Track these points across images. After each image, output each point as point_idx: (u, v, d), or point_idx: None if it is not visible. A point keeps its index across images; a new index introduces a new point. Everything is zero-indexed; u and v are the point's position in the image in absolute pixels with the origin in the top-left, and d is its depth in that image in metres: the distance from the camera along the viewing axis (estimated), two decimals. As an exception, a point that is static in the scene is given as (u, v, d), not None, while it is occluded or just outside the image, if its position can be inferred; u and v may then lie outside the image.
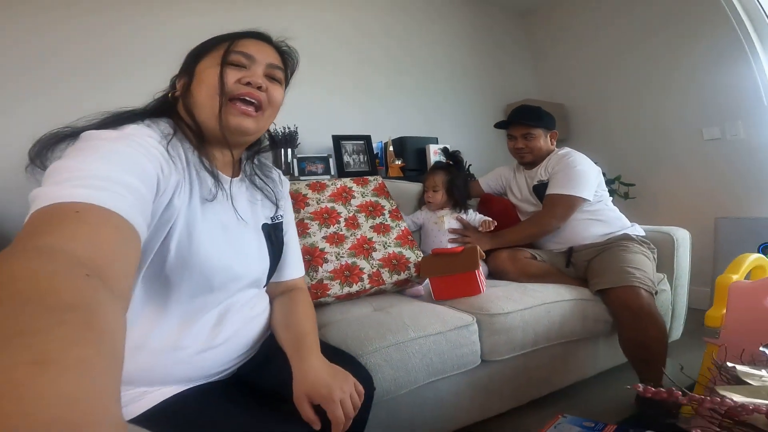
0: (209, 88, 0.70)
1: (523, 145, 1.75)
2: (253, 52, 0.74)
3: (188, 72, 0.74)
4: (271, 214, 0.87)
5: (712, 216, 2.24)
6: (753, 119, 2.28)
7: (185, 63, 0.76)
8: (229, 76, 0.71)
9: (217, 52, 0.73)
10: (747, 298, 1.03)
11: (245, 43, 0.74)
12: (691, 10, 2.40)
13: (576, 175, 1.61)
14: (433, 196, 1.71)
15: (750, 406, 0.39)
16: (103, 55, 1.84)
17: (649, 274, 1.42)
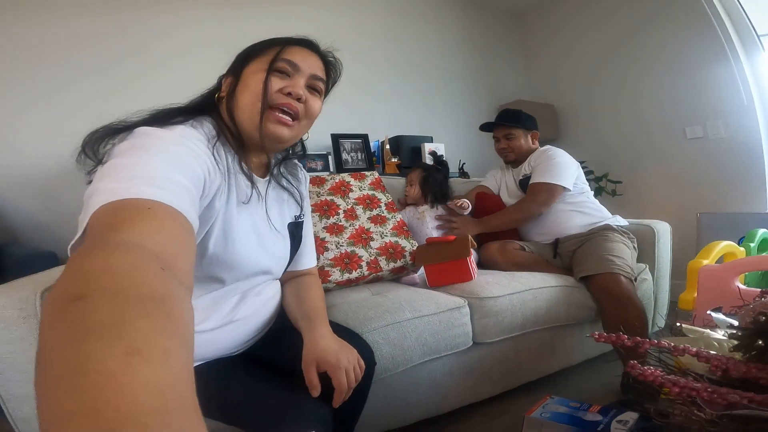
0: (252, 93, 0.73)
1: (506, 145, 1.90)
2: (299, 61, 0.76)
3: (235, 73, 0.76)
4: (295, 213, 0.92)
5: (695, 211, 2.34)
6: (733, 119, 2.38)
7: (234, 64, 0.79)
8: (273, 84, 0.73)
9: (265, 57, 0.75)
10: (716, 281, 1.12)
11: (293, 51, 0.77)
12: (674, 12, 2.50)
13: (555, 165, 1.74)
14: (409, 190, 1.82)
15: (681, 346, 0.48)
16: (122, 54, 1.92)
17: (628, 261, 1.52)
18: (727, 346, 0.55)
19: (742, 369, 0.43)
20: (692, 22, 2.44)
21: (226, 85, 0.77)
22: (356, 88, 2.59)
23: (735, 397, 0.38)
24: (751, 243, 1.55)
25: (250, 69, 0.75)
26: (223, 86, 0.78)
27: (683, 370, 0.54)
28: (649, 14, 2.63)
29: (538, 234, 1.81)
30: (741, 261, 1.18)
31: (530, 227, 1.82)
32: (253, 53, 0.77)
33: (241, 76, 0.75)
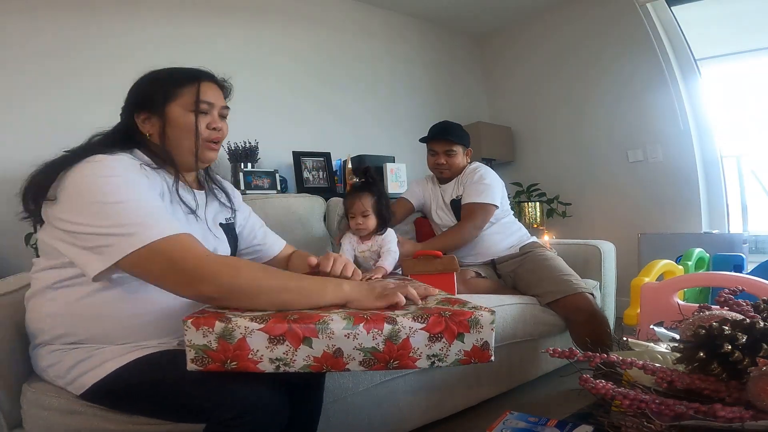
0: (188, 135, 0.87)
1: (445, 161, 1.81)
2: (213, 99, 0.90)
3: (155, 112, 0.86)
4: (227, 216, 1.04)
5: (636, 232, 2.50)
6: (671, 143, 2.58)
7: (149, 101, 0.87)
8: (201, 122, 0.88)
9: (185, 98, 0.87)
10: (657, 297, 1.19)
11: (206, 90, 0.89)
12: (622, 38, 2.69)
13: (486, 186, 1.75)
14: (364, 222, 1.49)
15: (628, 359, 0.51)
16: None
17: (577, 275, 1.64)
18: (671, 358, 0.59)
19: (686, 380, 0.46)
20: (637, 48, 2.63)
21: (152, 126, 0.87)
22: (319, 107, 2.60)
23: (682, 408, 0.40)
24: (689, 261, 1.67)
25: (175, 110, 0.87)
26: (145, 125, 0.87)
27: (631, 383, 0.57)
28: (599, 41, 2.81)
29: (471, 256, 1.81)
30: (679, 278, 1.27)
31: (463, 250, 1.79)
32: (171, 92, 0.87)
33: (167, 118, 0.86)
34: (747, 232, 2.48)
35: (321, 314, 0.66)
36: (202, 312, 0.66)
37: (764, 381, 0.39)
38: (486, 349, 0.66)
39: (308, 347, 0.63)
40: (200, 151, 0.89)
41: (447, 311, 0.67)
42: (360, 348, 0.64)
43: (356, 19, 2.82)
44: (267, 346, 0.63)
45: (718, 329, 0.47)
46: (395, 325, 0.64)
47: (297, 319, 0.64)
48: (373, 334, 0.63)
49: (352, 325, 0.63)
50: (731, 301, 0.63)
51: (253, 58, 2.36)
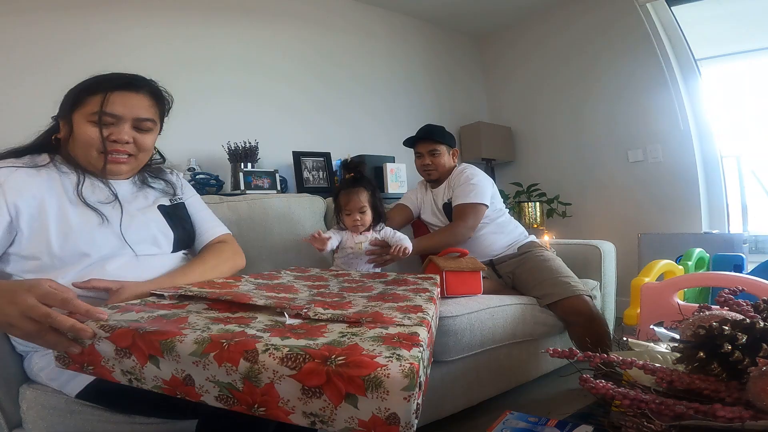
0: (85, 144, 0.85)
1: (430, 161, 1.82)
2: (120, 112, 0.86)
3: (65, 118, 0.86)
4: (170, 198, 1.03)
5: (636, 232, 2.50)
6: (671, 143, 2.58)
7: (62, 106, 0.87)
8: (104, 133, 0.85)
9: (90, 107, 0.84)
10: (657, 297, 1.19)
11: (115, 100, 0.85)
12: (623, 38, 2.70)
13: (474, 185, 1.74)
14: (362, 218, 1.46)
15: (628, 359, 0.51)
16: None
17: (576, 277, 1.64)
18: (670, 358, 0.59)
19: (686, 380, 0.46)
20: (637, 48, 2.63)
21: (63, 131, 0.88)
22: (319, 107, 2.60)
23: (682, 408, 0.40)
24: (689, 261, 1.67)
25: (78, 118, 0.85)
26: (63, 131, 0.88)
27: (631, 383, 0.57)
28: (600, 41, 2.82)
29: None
30: (679, 278, 1.27)
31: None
32: (79, 100, 0.85)
33: (73, 125, 0.85)
34: (747, 232, 2.48)
35: (174, 329, 0.55)
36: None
37: (764, 381, 0.39)
38: (394, 423, 0.45)
39: (155, 366, 0.53)
40: (99, 162, 0.87)
41: (339, 356, 0.47)
42: (214, 381, 0.50)
43: (356, 19, 2.82)
44: (115, 357, 0.55)
45: (718, 329, 0.47)
46: (254, 365, 0.48)
47: (146, 333, 0.54)
48: (226, 368, 0.49)
49: (201, 353, 0.50)
50: (731, 301, 0.63)
51: (253, 57, 2.36)
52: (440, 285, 1.25)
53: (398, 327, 0.60)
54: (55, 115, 0.90)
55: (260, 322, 0.60)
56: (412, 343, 0.53)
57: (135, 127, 0.89)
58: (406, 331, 0.58)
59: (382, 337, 0.55)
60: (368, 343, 0.52)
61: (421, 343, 0.53)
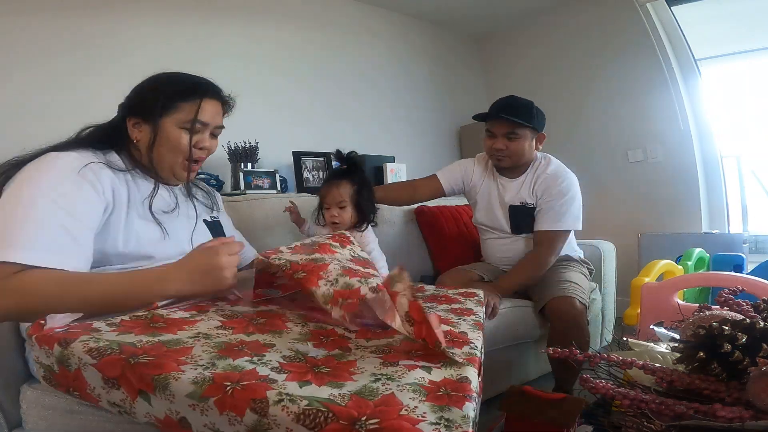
0: (174, 150, 0.85)
1: (504, 146, 1.45)
2: (209, 119, 0.88)
3: (149, 121, 0.84)
4: (211, 213, 1.05)
5: (636, 232, 2.50)
6: (671, 143, 2.58)
7: (145, 108, 0.84)
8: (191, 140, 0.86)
9: (183, 114, 0.84)
10: (657, 297, 1.19)
11: (206, 108, 0.86)
12: (622, 38, 2.68)
13: (570, 205, 1.48)
14: (340, 215, 1.29)
15: (628, 359, 0.51)
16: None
17: (583, 288, 1.47)
18: (670, 358, 0.59)
19: (686, 380, 0.46)
20: (637, 48, 2.62)
21: (141, 134, 0.85)
22: (319, 106, 2.60)
23: (682, 408, 0.40)
24: (689, 261, 1.67)
25: (169, 124, 0.84)
26: (136, 132, 0.85)
27: (631, 383, 0.57)
28: (600, 41, 2.81)
29: (505, 265, 1.63)
30: (679, 278, 1.27)
31: (500, 257, 1.64)
32: (172, 105, 0.84)
33: (160, 129, 0.84)
34: (747, 232, 2.48)
35: (171, 361, 0.46)
36: (52, 327, 0.54)
37: (764, 381, 0.39)
38: None
39: (147, 403, 0.45)
40: (183, 169, 0.88)
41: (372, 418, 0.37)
42: (214, 429, 0.42)
43: (357, 18, 2.82)
44: (103, 387, 0.48)
45: (718, 329, 0.47)
46: (263, 418, 0.39)
47: (139, 364, 0.46)
48: (228, 417, 0.40)
49: (200, 396, 0.42)
50: (731, 301, 0.63)
51: (253, 57, 2.36)
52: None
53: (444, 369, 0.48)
54: (122, 113, 0.87)
55: (278, 352, 0.51)
56: (463, 394, 0.42)
57: (211, 133, 0.91)
58: (454, 376, 0.47)
59: (423, 387, 0.44)
60: (408, 394, 0.42)
61: (473, 395, 0.43)
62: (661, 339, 0.71)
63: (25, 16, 1.77)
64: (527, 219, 1.52)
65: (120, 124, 0.87)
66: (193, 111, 0.84)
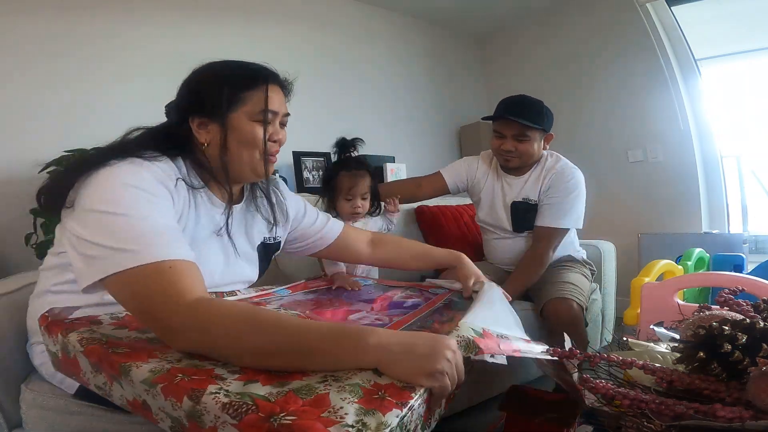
0: (250, 146, 0.77)
1: (513, 147, 1.43)
2: (277, 107, 0.79)
3: (219, 121, 0.75)
4: (266, 234, 0.93)
5: (636, 232, 2.50)
6: (671, 143, 2.58)
7: (210, 105, 0.75)
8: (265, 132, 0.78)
9: (250, 106, 0.76)
10: (657, 297, 1.19)
11: (273, 96, 0.78)
12: (623, 38, 2.69)
13: (573, 204, 1.46)
14: (363, 205, 1.30)
15: (628, 359, 0.51)
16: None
17: (582, 289, 1.46)
18: (670, 358, 0.59)
19: (686, 380, 0.46)
20: (637, 48, 2.63)
21: (210, 135, 0.77)
22: (319, 106, 2.60)
23: (682, 408, 0.40)
24: (689, 261, 1.67)
25: (239, 119, 0.76)
26: (204, 134, 0.77)
27: (631, 383, 0.57)
28: (600, 41, 2.81)
29: (507, 265, 1.61)
30: (680, 278, 1.26)
31: (501, 257, 1.63)
32: (236, 97, 0.76)
33: (230, 126, 0.76)
34: (747, 232, 2.48)
35: (144, 354, 0.53)
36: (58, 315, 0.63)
37: (764, 381, 0.39)
38: None
39: (119, 386, 0.51)
40: (261, 165, 0.79)
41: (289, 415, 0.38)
42: (164, 411, 0.47)
43: (357, 19, 2.82)
44: (91, 371, 0.55)
45: (718, 329, 0.47)
46: (197, 405, 0.43)
47: (113, 353, 0.52)
48: (171, 402, 0.45)
49: (151, 382, 0.47)
50: (731, 301, 0.63)
51: (253, 57, 2.34)
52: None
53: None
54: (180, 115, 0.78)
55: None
56: (397, 401, 0.42)
57: (280, 123, 0.83)
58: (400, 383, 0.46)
59: (363, 389, 0.44)
60: (343, 395, 0.42)
61: (410, 403, 0.42)
62: (661, 339, 0.71)
63: (24, 17, 1.77)
64: (528, 215, 1.50)
65: (180, 127, 0.78)
66: (261, 100, 0.76)
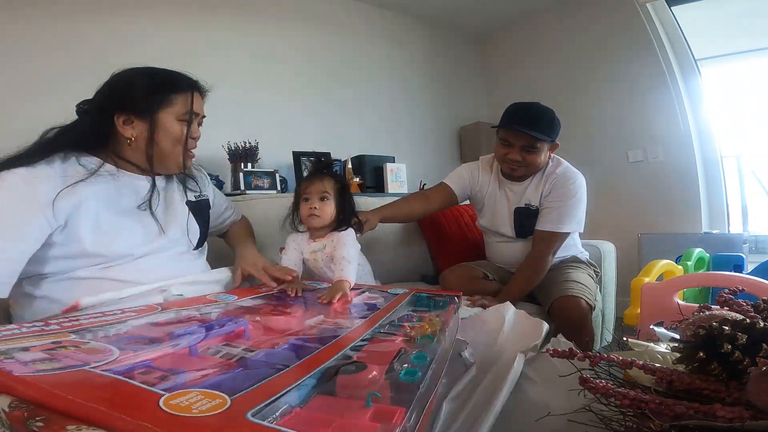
0: (176, 142, 0.90)
1: (521, 157, 1.40)
2: (198, 110, 0.93)
3: (146, 119, 0.86)
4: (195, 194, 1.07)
5: (636, 232, 2.50)
6: (671, 143, 2.58)
7: (138, 104, 0.85)
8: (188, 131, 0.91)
9: (179, 107, 0.88)
10: (657, 297, 1.19)
11: (196, 100, 0.92)
12: (622, 38, 2.70)
13: (575, 207, 1.44)
14: (321, 207, 1.12)
15: (628, 359, 0.51)
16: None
17: (590, 288, 1.45)
18: (670, 358, 0.58)
19: (686, 380, 0.46)
20: (637, 48, 2.63)
21: (135, 130, 0.86)
22: (319, 107, 2.60)
23: (682, 408, 0.40)
24: (688, 261, 1.67)
25: (166, 117, 0.87)
26: (129, 129, 0.85)
27: (631, 383, 0.57)
28: (600, 41, 2.82)
29: (511, 266, 1.59)
30: (680, 278, 1.26)
31: (503, 260, 1.62)
32: (167, 99, 0.87)
33: (158, 123, 0.86)
34: (747, 232, 2.48)
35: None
36: None
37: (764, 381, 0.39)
38: None
39: None
40: (179, 158, 0.92)
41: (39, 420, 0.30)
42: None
43: (357, 19, 2.82)
44: None
45: (718, 329, 0.46)
46: None
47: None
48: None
49: None
50: (731, 301, 0.63)
51: (253, 57, 2.36)
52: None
53: None
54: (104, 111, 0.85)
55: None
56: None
57: (198, 123, 0.96)
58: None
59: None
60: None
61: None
62: (661, 339, 0.70)
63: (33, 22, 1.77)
64: (530, 221, 1.50)
65: (103, 124, 0.85)
66: (186, 103, 0.89)
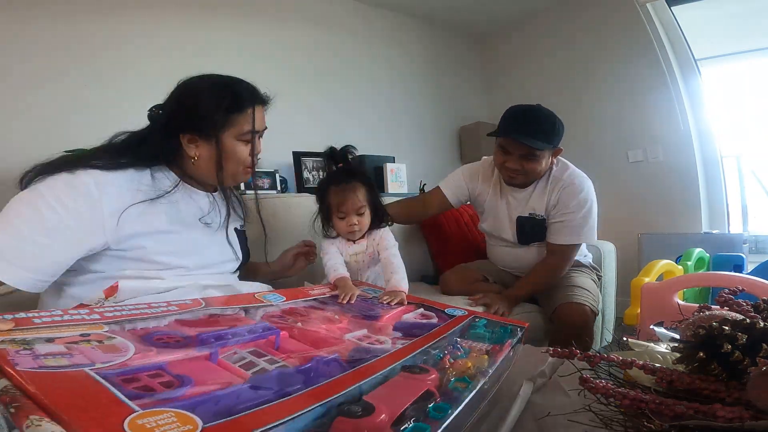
0: (241, 164, 0.89)
1: (519, 165, 1.34)
2: (260, 126, 0.91)
3: (211, 141, 0.85)
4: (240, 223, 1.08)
5: (636, 232, 2.50)
6: (671, 143, 2.58)
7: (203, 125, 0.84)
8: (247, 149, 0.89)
9: (238, 128, 0.86)
10: (657, 297, 1.19)
11: (259, 116, 0.90)
12: (622, 38, 2.70)
13: (588, 218, 1.41)
14: (360, 222, 1.09)
15: (628, 359, 0.51)
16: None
17: (594, 295, 1.46)
18: (670, 358, 0.58)
19: (686, 380, 0.46)
20: (636, 48, 2.63)
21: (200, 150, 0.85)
22: (319, 106, 2.60)
23: (682, 408, 0.40)
24: (688, 261, 1.67)
25: (230, 140, 0.86)
26: (193, 149, 0.85)
27: (631, 383, 0.57)
28: (600, 41, 2.82)
29: (517, 270, 1.59)
30: (680, 278, 1.26)
31: (507, 264, 1.61)
32: (227, 120, 0.85)
33: (223, 146, 0.85)
34: (747, 232, 2.48)
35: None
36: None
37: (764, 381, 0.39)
38: None
39: None
40: (242, 176, 0.92)
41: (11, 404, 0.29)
42: None
43: (357, 19, 2.82)
44: None
45: (718, 329, 0.47)
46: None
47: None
48: None
49: None
50: (731, 301, 0.63)
51: (253, 57, 2.36)
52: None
53: None
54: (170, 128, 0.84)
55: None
56: None
57: (260, 136, 0.94)
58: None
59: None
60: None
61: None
62: (661, 339, 0.70)
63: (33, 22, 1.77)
64: (536, 229, 1.46)
65: (170, 140, 0.85)
66: (247, 122, 0.87)
